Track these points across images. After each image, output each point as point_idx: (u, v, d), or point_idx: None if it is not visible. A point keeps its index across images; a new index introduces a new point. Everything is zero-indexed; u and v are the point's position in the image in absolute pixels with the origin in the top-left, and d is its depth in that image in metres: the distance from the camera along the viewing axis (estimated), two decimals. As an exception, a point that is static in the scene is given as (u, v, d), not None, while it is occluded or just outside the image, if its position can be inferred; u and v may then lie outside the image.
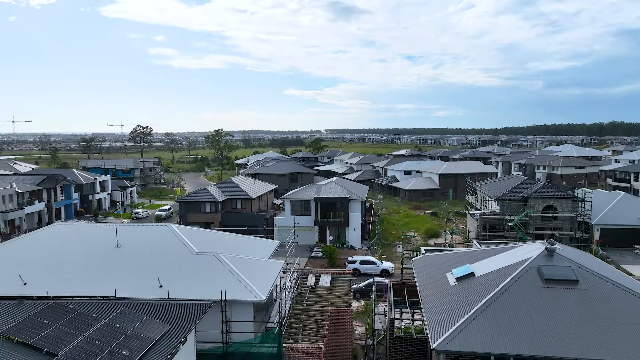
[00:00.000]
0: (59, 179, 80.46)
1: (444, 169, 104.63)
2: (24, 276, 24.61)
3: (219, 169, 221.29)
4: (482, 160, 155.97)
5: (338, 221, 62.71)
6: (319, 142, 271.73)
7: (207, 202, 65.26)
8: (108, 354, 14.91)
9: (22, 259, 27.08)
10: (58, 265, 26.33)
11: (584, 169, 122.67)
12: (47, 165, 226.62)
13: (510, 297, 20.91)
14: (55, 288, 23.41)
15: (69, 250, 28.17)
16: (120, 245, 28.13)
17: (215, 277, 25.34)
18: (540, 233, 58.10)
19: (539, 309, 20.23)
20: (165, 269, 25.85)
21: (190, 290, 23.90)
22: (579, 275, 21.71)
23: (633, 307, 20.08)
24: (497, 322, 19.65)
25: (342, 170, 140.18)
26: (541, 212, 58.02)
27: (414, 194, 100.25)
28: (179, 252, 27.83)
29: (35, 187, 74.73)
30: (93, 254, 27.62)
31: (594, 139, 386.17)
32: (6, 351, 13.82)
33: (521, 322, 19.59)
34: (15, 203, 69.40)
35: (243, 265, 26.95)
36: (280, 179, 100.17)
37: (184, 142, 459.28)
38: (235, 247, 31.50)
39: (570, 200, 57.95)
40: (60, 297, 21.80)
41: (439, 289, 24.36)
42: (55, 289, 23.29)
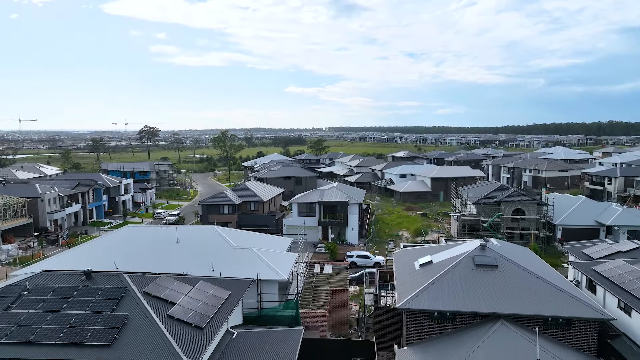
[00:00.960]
0: (91, 183, 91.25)
1: (436, 173, 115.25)
2: (116, 261, 35.28)
3: (226, 170, 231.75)
4: (475, 162, 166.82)
5: (338, 221, 73.39)
6: (321, 142, 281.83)
7: (225, 205, 75.98)
8: (203, 304, 25.69)
9: (111, 250, 37.79)
10: (138, 254, 37.00)
11: (566, 172, 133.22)
12: (61, 166, 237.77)
13: (452, 276, 31.55)
14: (141, 269, 34.07)
15: (142, 244, 38.95)
16: (179, 241, 38.90)
17: (250, 263, 36.03)
18: (510, 232, 68.85)
19: (469, 283, 30.89)
20: (214, 258, 36.48)
21: (233, 272, 34.52)
22: (499, 262, 32.35)
23: (529, 281, 30.71)
24: (441, 291, 30.27)
25: (343, 172, 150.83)
26: (511, 215, 68.66)
27: (408, 196, 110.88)
28: (222, 246, 38.60)
29: (73, 191, 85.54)
30: (160, 247, 38.38)
31: (590, 139, 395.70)
32: (150, 301, 24.57)
33: (456, 291, 30.23)
34: (58, 205, 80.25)
35: (269, 256, 37.71)
36: (287, 182, 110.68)
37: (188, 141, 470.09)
38: (260, 243, 42.27)
39: (535, 204, 68.59)
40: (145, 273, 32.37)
41: (408, 272, 35.05)
42: (141, 269, 33.96)
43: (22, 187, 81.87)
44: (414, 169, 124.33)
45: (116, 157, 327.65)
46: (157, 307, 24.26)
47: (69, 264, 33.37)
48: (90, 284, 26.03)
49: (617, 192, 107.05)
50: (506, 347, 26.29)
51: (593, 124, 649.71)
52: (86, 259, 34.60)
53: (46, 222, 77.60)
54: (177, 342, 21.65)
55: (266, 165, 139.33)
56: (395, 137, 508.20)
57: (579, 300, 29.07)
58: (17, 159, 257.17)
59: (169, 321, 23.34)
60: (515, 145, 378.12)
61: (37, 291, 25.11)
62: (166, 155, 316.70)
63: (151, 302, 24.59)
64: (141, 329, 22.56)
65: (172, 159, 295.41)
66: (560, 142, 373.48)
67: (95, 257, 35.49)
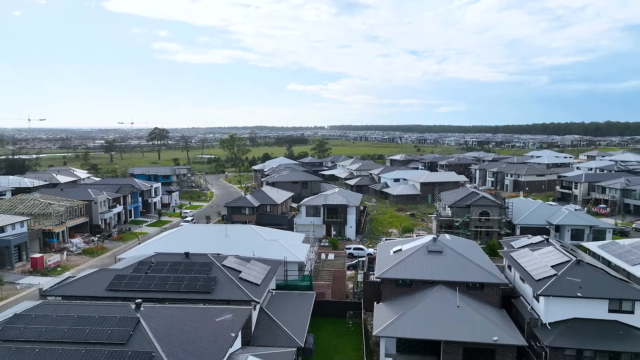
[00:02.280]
0: (130, 188, 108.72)
1: (425, 178, 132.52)
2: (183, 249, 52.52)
3: (235, 171, 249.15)
4: (465, 166, 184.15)
5: (339, 221, 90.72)
6: (324, 144, 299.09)
7: (247, 207, 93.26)
8: (256, 273, 43.18)
9: (183, 240, 55.14)
10: (203, 243, 54.24)
11: (544, 177, 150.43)
12: (80, 167, 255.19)
13: (412, 258, 48.86)
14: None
15: (202, 237, 56.38)
16: (227, 236, 56.36)
17: (278, 250, 53.46)
18: (477, 230, 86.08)
19: (422, 262, 48.17)
20: (253, 247, 53.82)
21: (268, 256, 51.88)
22: (443, 249, 49.65)
23: (461, 261, 47.96)
24: (404, 267, 47.57)
25: (344, 176, 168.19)
26: (478, 216, 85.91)
27: (400, 198, 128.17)
28: (258, 239, 56.09)
29: (116, 195, 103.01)
30: (215, 239, 55.80)
31: (584, 141, 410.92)
32: (226, 270, 42.01)
33: (414, 267, 47.51)
34: (106, 206, 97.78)
35: (290, 245, 55.22)
36: (294, 185, 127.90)
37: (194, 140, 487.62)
38: (283, 237, 59.77)
39: (498, 207, 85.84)
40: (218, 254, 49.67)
41: (385, 256, 52.40)
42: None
43: (77, 191, 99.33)
44: (406, 173, 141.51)
45: (127, 158, 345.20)
46: (231, 273, 41.73)
47: (158, 249, 50.74)
48: (188, 260, 43.55)
49: (581, 195, 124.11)
50: (441, 301, 43.70)
51: (591, 124, 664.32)
52: (169, 246, 52.01)
53: (98, 221, 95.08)
54: (248, 290, 39.15)
55: (275, 169, 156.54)
56: (395, 137, 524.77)
57: (490, 272, 46.48)
58: (33, 158, 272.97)
59: (240, 280, 40.80)
60: (511, 146, 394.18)
61: (159, 264, 42.59)
62: (175, 156, 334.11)
63: (227, 270, 42.06)
64: (225, 284, 40.04)
65: (182, 159, 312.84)
66: (554, 144, 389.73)
67: (174, 244, 52.84)
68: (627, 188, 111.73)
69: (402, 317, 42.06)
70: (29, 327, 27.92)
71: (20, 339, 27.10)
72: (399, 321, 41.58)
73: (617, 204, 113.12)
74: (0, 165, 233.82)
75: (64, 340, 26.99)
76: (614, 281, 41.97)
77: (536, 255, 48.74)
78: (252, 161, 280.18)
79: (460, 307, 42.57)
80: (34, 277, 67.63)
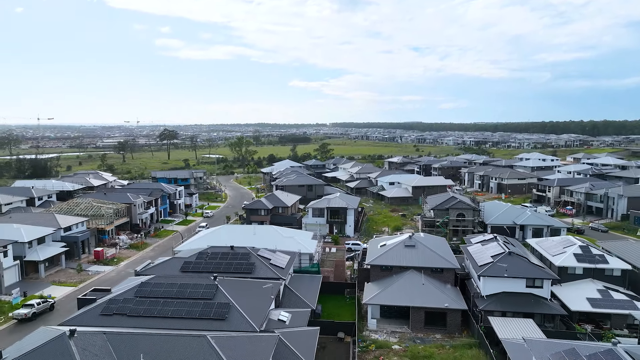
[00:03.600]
0: (160, 192, 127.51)
1: (416, 182, 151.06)
2: (224, 243, 71.30)
3: (243, 172, 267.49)
4: (456, 169, 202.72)
5: (340, 221, 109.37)
6: (326, 145, 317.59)
7: (262, 209, 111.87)
8: (281, 260, 62.04)
9: (221, 237, 73.90)
10: (237, 239, 73.11)
11: (524, 180, 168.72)
12: (98, 167, 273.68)
13: (393, 250, 67.53)
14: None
15: (235, 234, 75.19)
16: (255, 234, 75.19)
17: (294, 244, 72.34)
18: (455, 229, 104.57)
19: (400, 253, 66.82)
20: (275, 242, 72.57)
21: (286, 249, 70.64)
22: (416, 244, 68.34)
23: (428, 253, 66.68)
24: (387, 257, 66.23)
25: (345, 178, 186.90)
26: (456, 217, 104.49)
27: (394, 200, 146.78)
28: (278, 236, 74.94)
29: (150, 198, 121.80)
30: (245, 236, 74.58)
31: (577, 141, 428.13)
32: (260, 258, 60.87)
33: (394, 256, 66.18)
34: (143, 208, 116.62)
35: (302, 241, 74.05)
36: (301, 188, 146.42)
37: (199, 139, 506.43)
38: (297, 235, 78.59)
39: (472, 210, 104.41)
40: (253, 247, 68.43)
41: (373, 249, 71.15)
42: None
43: (118, 195, 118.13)
44: (400, 177, 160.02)
45: (137, 157, 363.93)
46: (264, 260, 60.57)
47: (205, 244, 69.37)
48: (233, 251, 62.37)
49: (553, 197, 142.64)
50: (411, 280, 62.40)
51: (589, 122, 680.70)
52: (213, 241, 70.70)
53: (137, 221, 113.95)
54: (277, 272, 58.00)
55: (282, 172, 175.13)
56: (396, 136, 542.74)
57: (447, 260, 65.21)
58: (54, 160, 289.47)
59: (270, 265, 59.61)
60: (507, 146, 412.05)
61: (213, 254, 61.39)
62: (183, 156, 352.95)
63: (261, 258, 60.94)
64: (261, 268, 58.85)
65: (190, 158, 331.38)
66: (548, 144, 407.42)
67: (217, 240, 71.60)
68: (590, 192, 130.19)
69: (383, 291, 60.82)
70: (153, 289, 46.65)
71: (149, 296, 45.85)
72: (382, 294, 60.36)
73: (582, 206, 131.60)
74: (25, 166, 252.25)
75: (176, 297, 45.72)
76: (531, 266, 60.68)
77: (483, 249, 67.51)
78: (258, 162, 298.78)
79: (424, 284, 61.33)
80: (98, 266, 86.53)
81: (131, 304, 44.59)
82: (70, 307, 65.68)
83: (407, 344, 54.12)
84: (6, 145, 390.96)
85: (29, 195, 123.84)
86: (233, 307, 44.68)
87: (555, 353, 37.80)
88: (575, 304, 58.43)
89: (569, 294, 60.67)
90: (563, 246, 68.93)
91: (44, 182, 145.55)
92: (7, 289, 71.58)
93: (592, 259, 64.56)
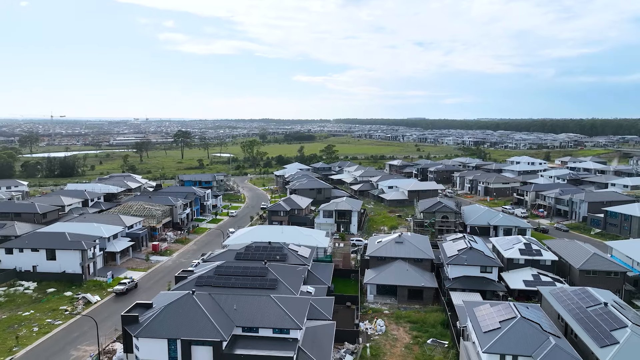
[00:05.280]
0: (193, 195, 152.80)
1: (412, 186, 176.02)
2: (261, 239, 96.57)
3: (254, 172, 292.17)
4: (449, 172, 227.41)
5: (346, 221, 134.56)
6: (331, 147, 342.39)
7: (281, 210, 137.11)
8: (305, 251, 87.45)
9: (257, 234, 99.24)
10: (270, 236, 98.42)
11: (509, 184, 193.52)
12: (121, 168, 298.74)
13: (386, 245, 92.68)
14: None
15: (267, 233, 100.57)
16: (283, 232, 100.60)
17: (313, 240, 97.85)
18: (440, 229, 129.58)
19: (391, 247, 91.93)
20: (299, 238, 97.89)
21: (307, 244, 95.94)
22: (404, 241, 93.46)
23: (413, 247, 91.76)
24: (382, 250, 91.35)
25: (349, 181, 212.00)
26: (440, 219, 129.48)
27: (392, 202, 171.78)
28: (300, 234, 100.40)
29: (186, 200, 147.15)
30: (275, 234, 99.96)
31: (572, 142, 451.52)
32: (290, 250, 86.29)
33: (387, 250, 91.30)
34: (181, 209, 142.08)
35: (318, 238, 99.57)
36: (311, 191, 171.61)
37: (207, 136, 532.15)
38: (314, 233, 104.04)
39: (454, 212, 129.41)
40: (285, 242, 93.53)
41: (372, 244, 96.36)
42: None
43: (160, 197, 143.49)
44: (398, 182, 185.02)
45: (152, 157, 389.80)
46: (293, 252, 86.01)
47: (249, 240, 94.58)
48: (270, 245, 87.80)
49: (530, 201, 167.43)
50: (399, 267, 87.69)
51: (588, 121, 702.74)
52: (252, 238, 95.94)
53: (177, 220, 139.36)
54: (303, 260, 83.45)
55: (294, 175, 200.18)
56: (398, 135, 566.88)
57: (426, 253, 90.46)
58: (80, 160, 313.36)
59: (298, 255, 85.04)
60: (504, 147, 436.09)
61: (257, 247, 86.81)
62: (196, 155, 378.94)
63: (291, 251, 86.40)
64: (291, 257, 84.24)
65: (203, 158, 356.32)
66: (544, 145, 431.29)
67: (255, 236, 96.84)
68: (558, 197, 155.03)
69: (378, 275, 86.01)
70: (226, 270, 71.88)
71: (224, 274, 71.09)
72: (377, 276, 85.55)
73: (552, 209, 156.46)
74: (55, 165, 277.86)
75: (241, 275, 70.96)
76: (485, 257, 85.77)
77: (453, 244, 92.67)
78: (267, 162, 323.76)
79: (408, 270, 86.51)
80: (157, 257, 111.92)
81: (213, 279, 69.92)
82: (148, 286, 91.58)
83: (393, 310, 79.45)
84: (27, 144, 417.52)
85: (84, 197, 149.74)
86: (279, 281, 69.94)
87: (473, 301, 62.76)
88: (514, 284, 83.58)
89: (512, 277, 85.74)
90: (513, 243, 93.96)
91: (92, 185, 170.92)
92: (98, 272, 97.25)
93: (531, 252, 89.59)
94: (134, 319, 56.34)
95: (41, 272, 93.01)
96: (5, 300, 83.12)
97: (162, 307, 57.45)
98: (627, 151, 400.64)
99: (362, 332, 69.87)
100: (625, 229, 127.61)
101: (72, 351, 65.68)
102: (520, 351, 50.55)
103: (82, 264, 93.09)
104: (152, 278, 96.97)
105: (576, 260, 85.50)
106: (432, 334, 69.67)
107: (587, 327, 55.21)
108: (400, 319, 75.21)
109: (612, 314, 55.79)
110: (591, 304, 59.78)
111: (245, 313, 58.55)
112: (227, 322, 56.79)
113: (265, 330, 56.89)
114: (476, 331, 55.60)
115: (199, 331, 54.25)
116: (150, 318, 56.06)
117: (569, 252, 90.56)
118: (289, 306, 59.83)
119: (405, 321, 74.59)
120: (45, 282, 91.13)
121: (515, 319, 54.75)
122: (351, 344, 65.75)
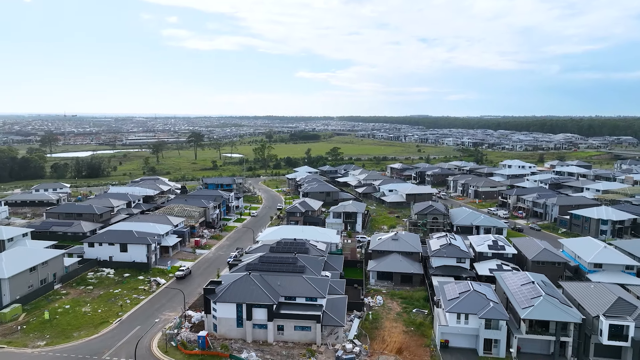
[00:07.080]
0: (220, 198, 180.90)
1: (409, 190, 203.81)
2: (287, 237, 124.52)
3: (265, 173, 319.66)
4: (445, 175, 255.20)
5: (352, 221, 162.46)
6: (337, 149, 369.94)
7: (297, 212, 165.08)
8: (322, 246, 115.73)
9: (281, 233, 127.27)
10: (293, 234, 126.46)
11: (496, 188, 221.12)
12: (140, 171, 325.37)
13: (385, 242, 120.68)
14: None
15: (290, 231, 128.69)
16: (303, 231, 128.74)
17: (327, 237, 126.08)
18: (432, 228, 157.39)
19: (389, 243, 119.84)
20: (316, 235, 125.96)
21: (323, 240, 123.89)
22: (399, 238, 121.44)
23: (405, 243, 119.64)
24: (381, 245, 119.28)
25: (354, 184, 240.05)
26: (432, 220, 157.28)
27: (392, 204, 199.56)
28: (316, 232, 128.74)
29: (215, 202, 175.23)
30: (297, 232, 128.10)
31: (567, 143, 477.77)
32: (311, 245, 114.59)
33: (385, 245, 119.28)
34: (212, 210, 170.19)
35: (331, 235, 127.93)
36: (321, 194, 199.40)
37: (215, 135, 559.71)
38: (327, 232, 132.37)
39: (443, 214, 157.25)
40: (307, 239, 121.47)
41: (374, 241, 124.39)
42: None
43: (195, 200, 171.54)
44: (397, 186, 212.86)
45: (167, 157, 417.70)
46: (314, 247, 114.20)
47: (277, 237, 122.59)
48: (295, 241, 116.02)
49: (512, 204, 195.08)
50: (394, 259, 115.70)
51: (587, 121, 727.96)
52: (278, 236, 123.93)
53: (209, 219, 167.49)
54: (321, 253, 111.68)
55: (305, 179, 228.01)
56: (400, 135, 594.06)
57: (415, 247, 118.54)
58: (105, 161, 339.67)
59: (317, 249, 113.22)
60: (502, 148, 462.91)
61: (285, 242, 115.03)
62: (209, 156, 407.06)
63: (312, 245, 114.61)
64: (312, 250, 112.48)
65: (216, 158, 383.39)
66: (539, 147, 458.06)
67: (280, 235, 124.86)
68: (535, 200, 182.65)
69: (378, 264, 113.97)
70: (267, 259, 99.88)
71: (266, 262, 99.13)
72: (378, 266, 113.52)
73: (530, 211, 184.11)
74: (82, 167, 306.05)
75: (278, 262, 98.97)
76: (460, 251, 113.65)
77: (437, 241, 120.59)
78: (276, 164, 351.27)
79: (401, 261, 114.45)
80: (200, 250, 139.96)
81: (259, 265, 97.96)
82: (199, 272, 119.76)
83: (389, 290, 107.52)
84: (47, 144, 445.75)
85: (127, 200, 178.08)
86: (306, 267, 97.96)
87: (444, 281, 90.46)
88: (481, 271, 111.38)
89: (481, 266, 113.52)
90: (484, 240, 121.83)
91: (131, 188, 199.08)
92: (158, 261, 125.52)
93: (497, 247, 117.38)
94: (211, 291, 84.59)
95: (116, 261, 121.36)
96: (97, 282, 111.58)
97: (230, 283, 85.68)
98: (618, 153, 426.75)
99: (366, 304, 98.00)
100: (585, 229, 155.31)
101: (160, 315, 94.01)
102: (470, 310, 78.69)
103: (147, 255, 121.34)
104: (200, 267, 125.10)
105: (530, 253, 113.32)
106: (417, 306, 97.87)
107: (518, 297, 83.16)
108: (394, 296, 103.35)
109: (536, 288, 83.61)
110: (524, 283, 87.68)
111: (286, 287, 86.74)
112: (274, 293, 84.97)
113: (300, 299, 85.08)
114: (443, 299, 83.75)
115: (256, 298, 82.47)
116: (223, 290, 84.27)
117: (526, 247, 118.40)
118: (315, 283, 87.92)
119: (397, 297, 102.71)
120: (120, 269, 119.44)
121: (469, 292, 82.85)
122: (358, 312, 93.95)
